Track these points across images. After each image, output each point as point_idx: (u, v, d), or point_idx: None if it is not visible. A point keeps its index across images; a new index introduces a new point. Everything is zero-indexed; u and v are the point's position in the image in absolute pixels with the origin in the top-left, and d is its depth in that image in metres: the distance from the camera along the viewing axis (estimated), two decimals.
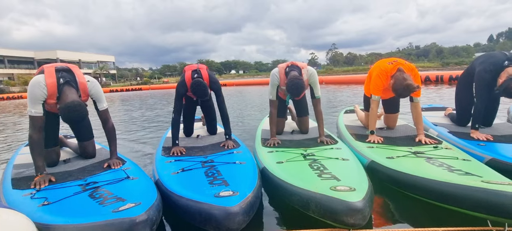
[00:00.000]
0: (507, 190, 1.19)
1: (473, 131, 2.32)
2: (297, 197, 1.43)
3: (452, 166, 1.63)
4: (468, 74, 2.60)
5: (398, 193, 1.72)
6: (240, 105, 7.91)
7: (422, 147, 2.08)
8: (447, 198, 1.36)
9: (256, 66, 79.19)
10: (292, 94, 2.32)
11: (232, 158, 2.02)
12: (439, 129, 2.66)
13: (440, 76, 13.27)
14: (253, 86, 19.89)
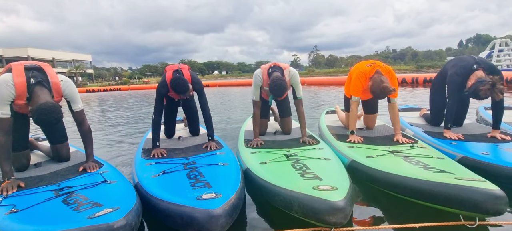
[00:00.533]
0: (478, 186, 1.26)
1: (446, 131, 2.44)
2: (280, 198, 1.43)
3: (427, 164, 1.70)
4: (441, 77, 2.73)
5: (378, 191, 1.77)
6: (223, 106, 7.86)
7: (399, 146, 2.16)
8: (423, 195, 1.41)
9: (239, 67, 79.04)
10: (275, 94, 2.34)
11: (215, 159, 1.99)
12: (414, 129, 2.77)
13: (415, 79, 13.94)
14: (236, 87, 19.84)
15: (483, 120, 3.22)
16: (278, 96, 2.39)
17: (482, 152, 1.94)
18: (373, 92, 2.33)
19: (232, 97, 10.97)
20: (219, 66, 77.09)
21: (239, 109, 6.94)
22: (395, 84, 2.41)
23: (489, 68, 2.30)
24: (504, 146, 2.07)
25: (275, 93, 2.32)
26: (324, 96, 9.81)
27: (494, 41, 21.76)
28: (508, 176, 1.66)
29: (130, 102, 10.97)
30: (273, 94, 2.35)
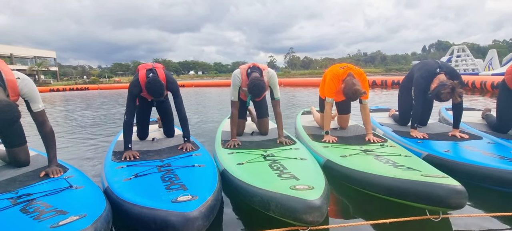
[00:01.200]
0: (441, 182, 1.34)
1: (412, 130, 2.59)
2: (258, 198, 1.42)
3: (396, 162, 1.80)
4: (408, 79, 2.90)
5: (351, 189, 1.83)
6: (199, 107, 7.72)
7: (371, 145, 2.25)
8: (393, 191, 1.49)
9: (215, 67, 78.18)
10: (254, 94, 2.34)
11: (190, 161, 1.95)
12: (384, 128, 2.92)
13: (384, 81, 14.74)
14: (213, 87, 19.61)
15: (445, 120, 3.46)
16: (257, 97, 2.40)
17: (445, 150, 2.09)
18: (346, 94, 2.42)
19: (209, 98, 10.83)
20: (195, 66, 75.73)
21: (216, 110, 6.86)
22: (366, 86, 2.52)
23: (451, 73, 2.49)
24: (463, 144, 2.24)
25: (254, 94, 2.32)
26: (300, 97, 10.01)
27: (453, 47, 23.64)
28: (467, 171, 1.80)
29: (99, 103, 10.41)
30: (252, 94, 2.35)
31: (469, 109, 3.78)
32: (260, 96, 2.44)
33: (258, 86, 2.28)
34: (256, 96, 2.38)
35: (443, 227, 1.44)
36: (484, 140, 2.34)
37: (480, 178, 1.75)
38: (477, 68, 21.21)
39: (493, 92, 8.82)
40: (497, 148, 2.12)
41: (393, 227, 1.41)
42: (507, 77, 2.61)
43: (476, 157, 1.92)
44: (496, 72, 16.25)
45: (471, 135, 2.49)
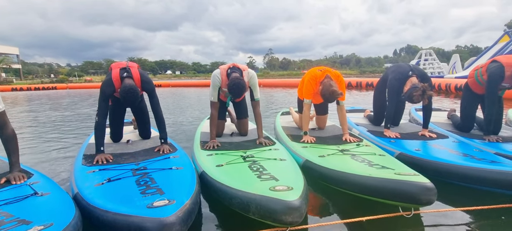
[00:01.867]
0: (413, 180, 1.41)
1: (386, 130, 2.71)
2: (237, 200, 1.41)
3: (371, 161, 1.86)
4: (382, 82, 3.03)
5: (329, 189, 1.87)
6: (177, 107, 7.54)
7: (348, 145, 2.32)
8: (369, 190, 1.54)
9: (194, 67, 76.89)
10: (234, 94, 2.32)
11: (168, 164, 1.88)
12: (360, 128, 3.02)
13: (359, 82, 15.33)
14: (191, 87, 19.25)
15: (415, 120, 3.66)
16: (237, 97, 2.38)
17: (415, 149, 2.20)
18: (323, 96, 2.47)
19: (187, 98, 10.61)
20: (172, 66, 73.98)
21: (194, 111, 6.73)
22: (343, 88, 2.59)
23: (421, 76, 2.63)
24: (432, 143, 2.38)
25: (234, 93, 2.30)
26: (279, 97, 10.12)
27: (421, 51, 25.16)
28: (435, 169, 1.90)
29: (68, 103, 9.82)
30: (232, 94, 2.33)
31: (436, 110, 4.02)
32: (240, 97, 2.43)
33: (239, 86, 2.26)
34: (236, 96, 2.36)
35: (414, 223, 1.51)
36: (450, 139, 2.50)
37: (447, 175, 1.86)
38: (442, 71, 22.74)
39: (456, 94, 9.48)
40: (462, 147, 2.27)
41: (369, 225, 1.46)
42: (469, 80, 2.81)
43: (443, 155, 2.04)
44: (459, 75, 17.50)
45: (439, 134, 2.64)
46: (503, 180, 1.61)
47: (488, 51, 19.43)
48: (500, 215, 1.56)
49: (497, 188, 1.65)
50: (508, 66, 2.38)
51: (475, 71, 2.71)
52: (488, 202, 1.60)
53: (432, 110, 2.72)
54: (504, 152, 2.14)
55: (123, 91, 2.09)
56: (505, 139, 2.46)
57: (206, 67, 75.72)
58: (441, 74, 21.51)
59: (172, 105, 8.17)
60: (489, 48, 19.58)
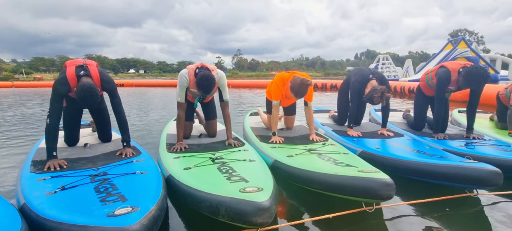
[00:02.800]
0: (374, 177, 1.50)
1: (349, 129, 2.86)
2: (206, 203, 1.37)
3: (336, 160, 1.94)
4: (346, 84, 3.19)
5: (297, 188, 1.91)
6: (142, 108, 7.17)
7: (314, 144, 2.40)
8: (335, 187, 1.60)
9: (159, 66, 73.84)
10: (203, 89, 2.24)
11: (131, 168, 1.78)
12: (325, 128, 3.14)
13: (324, 84, 16.05)
14: (157, 87, 18.47)
15: (375, 120, 3.91)
16: (206, 93, 2.28)
17: (375, 147, 2.35)
18: (293, 89, 2.50)
19: (152, 99, 10.15)
20: (136, 64, 70.30)
21: (160, 112, 6.46)
22: (311, 91, 2.69)
23: (380, 79, 2.82)
24: (390, 141, 2.56)
25: (203, 88, 2.23)
26: (248, 98, 10.15)
27: (379, 56, 27.18)
28: (393, 165, 2.05)
29: (13, 103, 8.80)
30: (201, 89, 2.25)
31: (392, 111, 4.34)
32: (210, 92, 2.34)
33: (208, 78, 2.20)
34: (205, 92, 2.28)
35: (376, 217, 1.61)
36: (405, 137, 2.71)
37: (403, 170, 2.01)
38: (397, 74, 24.76)
39: (410, 96, 10.35)
40: (415, 144, 2.47)
41: (335, 221, 1.52)
42: (421, 83, 3.08)
43: (399, 152, 2.20)
44: (411, 78, 19.18)
45: (395, 133, 2.85)
46: (450, 174, 1.78)
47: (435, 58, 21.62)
48: (445, 206, 1.72)
49: (444, 181, 1.82)
50: (454, 71, 2.65)
51: (426, 76, 2.98)
52: (437, 194, 1.76)
53: (389, 110, 2.93)
54: (450, 148, 2.38)
55: (80, 91, 1.91)
56: (451, 136, 2.74)
57: (172, 66, 73.20)
58: (396, 77, 23.42)
59: (136, 106, 7.76)
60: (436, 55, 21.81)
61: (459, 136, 2.77)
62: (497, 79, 17.59)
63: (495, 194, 1.86)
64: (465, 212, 1.71)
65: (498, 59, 22.30)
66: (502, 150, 2.26)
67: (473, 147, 2.37)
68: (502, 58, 22.72)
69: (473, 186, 1.77)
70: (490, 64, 19.58)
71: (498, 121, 3.21)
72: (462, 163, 1.79)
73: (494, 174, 1.64)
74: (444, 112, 2.82)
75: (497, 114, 3.23)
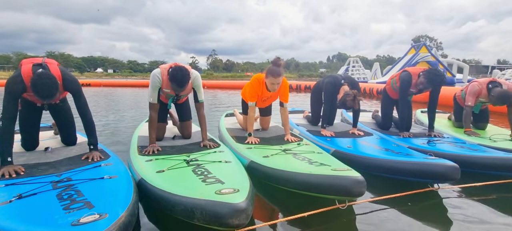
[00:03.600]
0: (347, 175, 1.55)
1: (322, 129, 2.94)
2: (181, 207, 1.33)
3: (311, 159, 1.99)
4: (318, 87, 3.32)
5: (273, 188, 1.93)
6: (111, 109, 6.81)
7: (289, 144, 2.43)
8: (310, 186, 1.63)
9: (130, 65, 70.69)
10: (177, 83, 2.17)
11: (98, 173, 1.67)
12: (300, 128, 3.21)
13: (299, 85, 16.43)
14: (127, 88, 17.67)
15: (346, 120, 4.07)
16: (181, 86, 2.20)
17: (347, 146, 2.44)
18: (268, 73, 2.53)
19: (122, 99, 9.67)
20: (104, 63, 66.71)
21: (131, 113, 6.18)
22: (287, 91, 2.73)
23: (352, 83, 2.95)
24: (360, 140, 2.68)
25: (177, 80, 2.15)
26: (223, 99, 10.07)
27: (349, 59, 28.43)
28: (363, 163, 2.14)
29: None
30: (175, 82, 2.16)
31: (362, 111, 4.55)
32: (184, 86, 2.21)
33: (182, 70, 2.15)
34: (179, 85, 2.18)
35: (348, 214, 1.67)
36: (374, 136, 2.85)
37: (373, 168, 2.11)
38: (366, 77, 26.10)
39: (378, 97, 10.93)
40: (383, 142, 2.61)
41: (310, 219, 1.55)
42: (387, 87, 3.30)
43: (369, 150, 2.31)
44: (379, 81, 20.28)
45: (365, 132, 2.99)
46: (415, 170, 1.90)
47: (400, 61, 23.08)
48: (411, 200, 1.83)
49: (410, 176, 1.94)
50: (414, 74, 2.90)
51: (391, 80, 3.22)
52: (404, 190, 1.87)
53: (360, 111, 3.07)
54: (414, 146, 2.54)
55: (36, 79, 1.73)
56: (415, 135, 2.93)
57: (144, 66, 70.46)
58: (365, 80, 24.64)
59: (104, 106, 7.35)
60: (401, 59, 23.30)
61: (422, 134, 2.98)
62: (454, 82, 19.19)
63: (453, 188, 2.02)
64: (428, 204, 1.84)
65: (454, 64, 24.41)
66: (459, 147, 2.46)
67: (434, 144, 2.55)
68: (457, 63, 24.91)
69: (435, 180, 1.90)
70: (448, 68, 21.37)
71: (455, 120, 3.49)
72: (425, 160, 1.92)
73: (453, 169, 1.78)
74: (408, 112, 3.04)
75: (454, 114, 3.52)
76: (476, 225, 1.59)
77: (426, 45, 22.61)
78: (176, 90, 2.27)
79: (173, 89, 2.26)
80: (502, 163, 2.06)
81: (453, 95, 3.58)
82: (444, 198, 1.92)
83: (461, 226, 1.58)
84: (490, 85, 2.98)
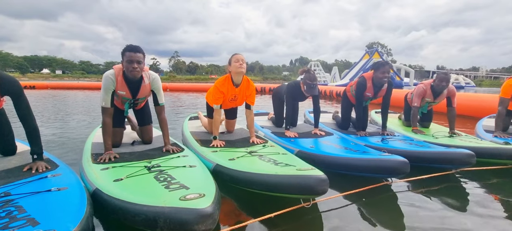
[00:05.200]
0: (311, 174, 1.60)
1: (286, 131, 3.02)
2: (142, 216, 1.25)
3: (276, 160, 2.02)
4: (280, 89, 3.45)
5: (240, 190, 1.91)
6: (59, 114, 6.18)
7: (255, 146, 2.44)
8: (276, 187, 1.65)
9: (82, 66, 65.12)
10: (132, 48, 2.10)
11: (44, 185, 1.50)
12: (265, 130, 3.24)
13: (264, 88, 16.70)
14: (79, 90, 16.23)
15: (308, 121, 4.22)
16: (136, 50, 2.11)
17: (310, 146, 2.53)
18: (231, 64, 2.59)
19: (73, 103, 8.84)
20: (51, 63, 60.56)
21: (84, 118, 5.67)
22: (253, 94, 2.76)
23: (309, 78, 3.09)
24: (322, 140, 2.79)
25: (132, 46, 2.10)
26: (187, 102, 9.78)
27: (310, 62, 29.78)
28: (325, 162, 2.24)
29: None
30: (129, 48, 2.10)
31: (323, 112, 4.77)
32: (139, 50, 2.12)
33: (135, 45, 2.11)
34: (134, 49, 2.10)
35: (313, 211, 1.72)
36: (334, 136, 3.00)
37: (334, 166, 2.22)
38: (326, 80, 27.50)
39: (337, 99, 11.57)
40: (343, 142, 2.76)
41: (277, 219, 1.57)
42: (347, 92, 3.57)
43: (330, 149, 2.42)
44: (338, 83, 21.51)
45: (326, 132, 3.13)
46: (371, 166, 2.04)
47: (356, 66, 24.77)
48: (369, 194, 1.96)
49: (367, 172, 2.08)
50: (369, 79, 3.16)
51: (350, 87, 3.50)
52: (362, 185, 1.99)
53: (320, 112, 3.22)
54: (370, 144, 2.73)
55: None
56: (371, 134, 3.15)
57: (98, 67, 65.53)
58: (325, 82, 25.94)
59: (52, 111, 6.65)
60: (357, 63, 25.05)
61: (376, 133, 3.21)
62: (402, 85, 21.16)
63: (404, 181, 2.21)
64: (384, 197, 1.99)
65: (402, 68, 26.96)
66: (408, 144, 2.70)
67: (387, 142, 2.77)
68: (405, 68, 27.55)
69: (389, 175, 2.06)
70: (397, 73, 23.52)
71: (404, 119, 3.84)
72: (380, 156, 2.07)
73: (403, 164, 1.95)
74: (364, 113, 3.27)
75: (404, 114, 3.87)
76: (423, 212, 1.76)
77: (378, 51, 24.66)
78: (131, 59, 2.09)
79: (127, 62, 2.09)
80: (443, 157, 2.31)
81: (403, 97, 3.94)
82: (397, 190, 2.09)
83: (411, 213, 1.74)
84: (433, 84, 3.32)
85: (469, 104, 6.22)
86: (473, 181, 2.28)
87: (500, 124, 3.12)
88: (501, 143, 2.65)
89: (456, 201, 1.92)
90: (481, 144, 2.61)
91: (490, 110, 4.95)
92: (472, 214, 1.74)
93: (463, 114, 5.94)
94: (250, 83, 2.77)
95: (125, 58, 2.09)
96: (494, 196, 2.03)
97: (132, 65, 2.09)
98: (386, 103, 3.23)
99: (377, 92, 3.17)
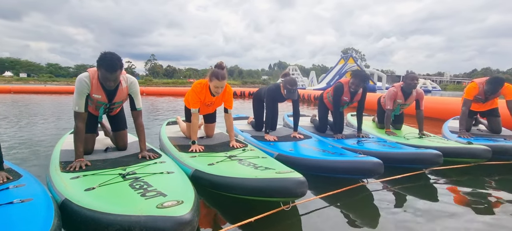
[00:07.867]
0: (290, 177, 1.62)
1: (266, 135, 3.03)
2: (116, 227, 1.19)
3: (256, 164, 2.01)
4: (260, 93, 3.46)
5: (219, 195, 1.88)
6: (24, 120, 5.75)
7: (235, 151, 2.43)
8: (256, 191, 1.64)
9: (50, 69, 61.34)
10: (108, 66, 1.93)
11: (5, 197, 1.38)
12: (244, 134, 3.24)
13: (243, 92, 16.70)
14: (46, 95, 15.25)
15: (288, 125, 4.28)
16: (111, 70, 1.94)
17: (289, 149, 2.56)
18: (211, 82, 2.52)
19: (39, 108, 8.28)
20: (14, 66, 56.52)
21: (51, 124, 5.33)
22: (231, 98, 2.74)
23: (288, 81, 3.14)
24: (301, 143, 2.84)
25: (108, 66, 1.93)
26: (165, 106, 9.52)
27: (289, 66, 30.33)
28: (304, 164, 2.27)
29: None
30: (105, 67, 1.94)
31: (302, 116, 4.86)
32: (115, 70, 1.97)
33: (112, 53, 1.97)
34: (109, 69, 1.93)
35: (293, 214, 1.74)
36: (313, 139, 3.06)
37: (313, 168, 2.25)
38: (304, 84, 28.13)
39: (315, 102, 11.85)
40: (321, 144, 2.82)
41: (257, 223, 1.56)
42: (324, 99, 3.66)
43: (309, 152, 2.47)
44: (316, 87, 22.08)
45: (305, 135, 3.19)
46: (348, 168, 2.10)
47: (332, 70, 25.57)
48: (346, 195, 2.02)
49: (345, 174, 2.14)
50: (346, 84, 3.28)
51: (327, 93, 3.61)
52: (340, 186, 2.05)
53: (299, 116, 3.27)
54: (347, 146, 2.82)
55: None
56: (347, 136, 3.25)
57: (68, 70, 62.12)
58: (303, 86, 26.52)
59: (16, 117, 6.17)
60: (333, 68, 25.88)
61: (353, 135, 3.32)
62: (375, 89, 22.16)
63: (378, 181, 2.30)
64: (360, 197, 2.06)
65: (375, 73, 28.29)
66: (382, 145, 2.82)
67: (362, 144, 2.87)
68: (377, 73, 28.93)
69: (364, 176, 2.14)
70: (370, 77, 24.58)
71: (378, 122, 4.01)
72: (356, 158, 2.14)
73: (378, 165, 2.03)
74: (340, 116, 3.38)
75: (377, 116, 4.04)
76: (396, 209, 1.85)
77: (353, 57, 25.70)
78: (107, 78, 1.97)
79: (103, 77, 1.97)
80: (414, 157, 2.44)
81: (376, 100, 4.11)
82: (372, 190, 2.17)
83: (386, 211, 1.81)
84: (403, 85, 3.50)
85: (436, 107, 6.64)
86: (442, 178, 2.43)
87: (464, 123, 3.36)
88: (465, 142, 2.85)
89: (428, 199, 2.03)
90: (447, 144, 2.79)
91: (454, 112, 5.31)
92: (442, 210, 1.85)
93: (430, 116, 6.33)
94: (228, 87, 2.76)
95: (100, 72, 1.99)
96: (460, 192, 2.18)
97: (108, 83, 2.03)
98: (361, 107, 3.36)
99: (353, 97, 3.28)
